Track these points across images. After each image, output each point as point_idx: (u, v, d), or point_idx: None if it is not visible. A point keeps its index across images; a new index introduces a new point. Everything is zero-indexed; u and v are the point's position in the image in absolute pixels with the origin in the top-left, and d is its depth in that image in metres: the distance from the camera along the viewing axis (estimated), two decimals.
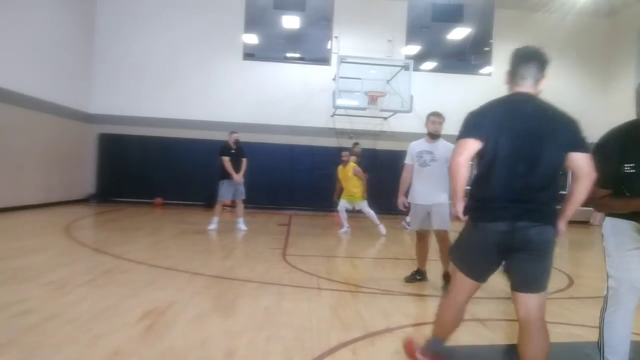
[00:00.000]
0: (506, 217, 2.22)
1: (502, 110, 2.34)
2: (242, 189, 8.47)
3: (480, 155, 2.31)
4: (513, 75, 2.38)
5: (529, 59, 2.34)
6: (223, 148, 8.43)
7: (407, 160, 5.14)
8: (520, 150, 2.23)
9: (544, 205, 2.27)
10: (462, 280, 2.47)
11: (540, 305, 2.28)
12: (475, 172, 2.37)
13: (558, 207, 2.36)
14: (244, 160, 8.49)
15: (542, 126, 2.25)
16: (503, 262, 2.36)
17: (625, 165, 2.10)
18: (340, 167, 9.02)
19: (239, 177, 8.26)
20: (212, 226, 8.41)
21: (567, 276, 5.87)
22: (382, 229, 8.77)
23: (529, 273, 2.28)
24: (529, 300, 2.27)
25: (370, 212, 8.84)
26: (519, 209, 2.21)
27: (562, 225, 2.38)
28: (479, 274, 2.43)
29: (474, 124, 2.34)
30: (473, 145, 2.28)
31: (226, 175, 8.24)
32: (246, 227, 8.58)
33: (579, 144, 2.25)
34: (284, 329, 3.34)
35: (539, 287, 2.28)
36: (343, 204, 8.90)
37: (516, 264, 2.29)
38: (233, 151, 8.42)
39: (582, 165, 2.25)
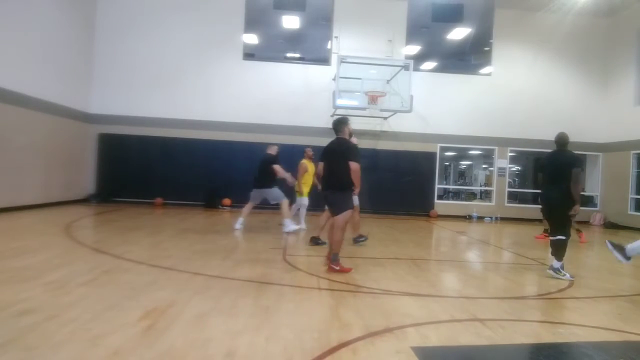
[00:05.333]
0: (325, 187, 5.71)
1: (328, 146, 5.75)
2: None
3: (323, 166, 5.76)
4: (335, 130, 5.77)
5: (338, 123, 5.76)
6: (273, 158, 8.83)
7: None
8: (331, 162, 5.63)
9: (337, 184, 5.52)
10: (327, 212, 6.39)
11: (338, 219, 5.44)
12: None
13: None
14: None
15: (338, 151, 5.56)
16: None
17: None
18: (308, 162, 8.82)
19: (291, 178, 8.75)
20: (290, 227, 8.64)
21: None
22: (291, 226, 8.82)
23: (333, 208, 5.63)
24: (335, 219, 5.50)
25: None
26: (329, 184, 5.63)
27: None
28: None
29: (320, 156, 5.85)
30: (321, 165, 5.85)
31: (275, 182, 8.70)
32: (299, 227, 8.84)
33: (349, 158, 5.41)
34: (284, 329, 3.34)
35: (337, 213, 5.50)
36: (307, 201, 8.89)
37: (329, 206, 5.83)
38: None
39: (351, 166, 5.38)
